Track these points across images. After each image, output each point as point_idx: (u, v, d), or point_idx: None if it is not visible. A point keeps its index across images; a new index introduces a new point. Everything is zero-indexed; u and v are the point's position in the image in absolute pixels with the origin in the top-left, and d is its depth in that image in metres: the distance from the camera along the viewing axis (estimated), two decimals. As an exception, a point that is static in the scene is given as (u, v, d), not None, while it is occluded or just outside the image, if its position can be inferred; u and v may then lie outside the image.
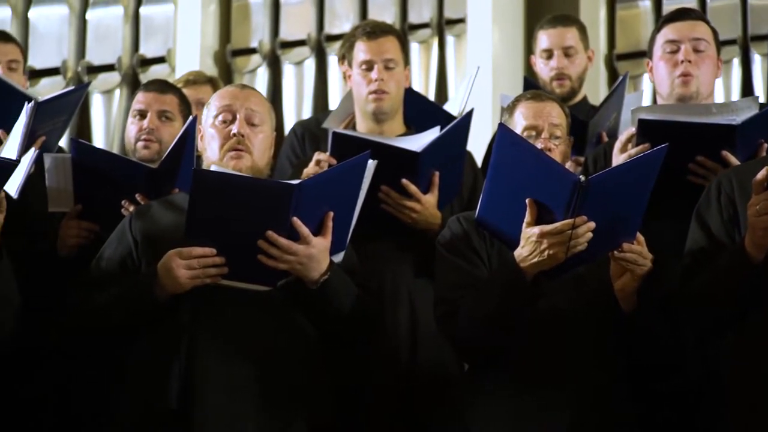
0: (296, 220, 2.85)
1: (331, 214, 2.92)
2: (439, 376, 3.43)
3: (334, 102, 5.56)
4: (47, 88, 5.79)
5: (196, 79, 4.36)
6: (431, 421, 3.39)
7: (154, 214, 3.14)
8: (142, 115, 3.73)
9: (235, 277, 2.92)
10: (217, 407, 2.92)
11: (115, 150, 5.40)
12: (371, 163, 3.00)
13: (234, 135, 3.09)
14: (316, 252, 2.90)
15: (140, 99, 3.76)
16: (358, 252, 3.22)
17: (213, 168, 3.02)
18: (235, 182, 2.88)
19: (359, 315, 3.07)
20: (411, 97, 3.83)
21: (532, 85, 4.23)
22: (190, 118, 3.60)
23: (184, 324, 2.97)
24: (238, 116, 3.12)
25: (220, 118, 3.13)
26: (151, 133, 3.70)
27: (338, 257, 3.02)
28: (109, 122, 5.84)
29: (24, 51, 4.46)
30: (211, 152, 3.13)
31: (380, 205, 3.40)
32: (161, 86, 3.83)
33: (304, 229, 2.87)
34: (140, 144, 3.70)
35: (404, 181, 3.39)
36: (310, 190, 2.85)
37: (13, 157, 2.77)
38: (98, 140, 5.74)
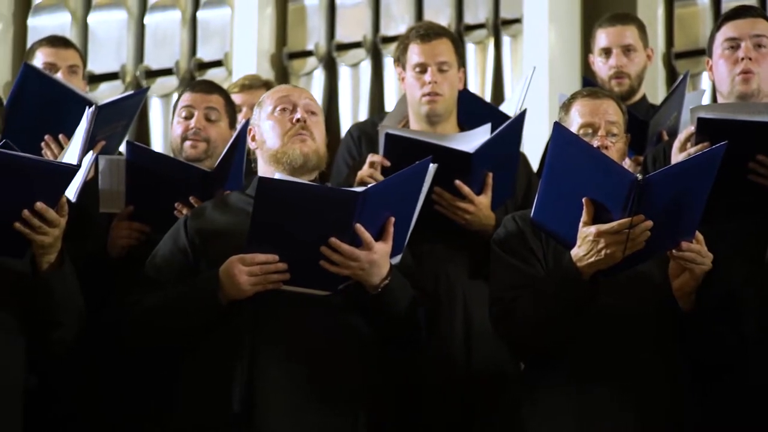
0: (359, 227, 2.87)
1: (393, 219, 2.93)
2: (495, 376, 3.41)
3: (390, 104, 5.56)
4: (106, 93, 5.84)
5: (252, 83, 4.38)
6: (488, 421, 3.38)
7: (209, 215, 3.16)
8: (189, 114, 3.75)
9: (297, 282, 2.93)
10: (278, 410, 2.93)
11: (172, 154, 5.44)
12: (431, 167, 3.01)
13: (297, 120, 3.12)
14: (378, 257, 2.91)
15: (187, 99, 3.78)
16: (413, 253, 3.21)
17: (278, 176, 3.04)
18: (300, 189, 2.89)
19: (416, 317, 3.07)
20: (466, 98, 3.81)
21: (590, 84, 4.19)
22: (243, 121, 3.61)
23: (245, 328, 2.98)
24: (297, 105, 3.15)
25: (278, 108, 3.16)
26: (197, 132, 3.72)
27: (395, 260, 3.03)
28: (167, 126, 5.87)
29: (83, 56, 4.52)
30: (271, 142, 3.15)
31: (434, 207, 3.39)
32: (207, 86, 3.85)
33: (367, 236, 2.88)
34: (187, 143, 3.72)
35: (457, 182, 3.38)
36: (374, 197, 2.86)
37: (75, 161, 2.79)
38: (156, 144, 5.79)
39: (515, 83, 5.27)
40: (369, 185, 2.99)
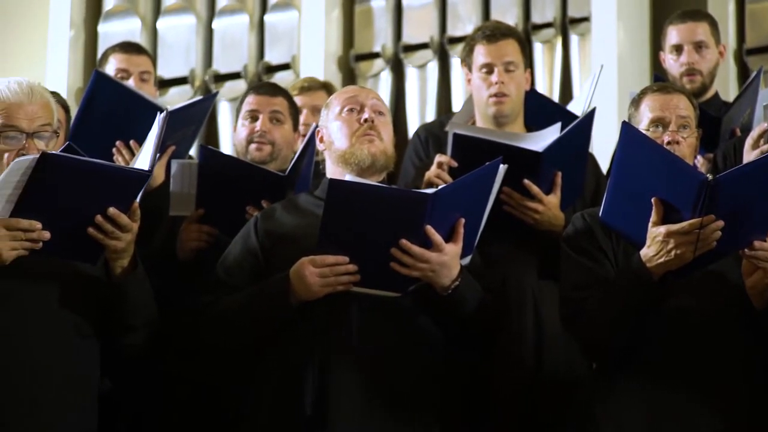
0: (430, 229, 2.87)
1: (463, 221, 2.93)
2: (566, 377, 3.39)
3: (457, 104, 5.54)
4: (176, 98, 5.90)
5: (310, 86, 4.39)
6: (559, 422, 3.36)
7: (279, 216, 3.17)
8: (254, 117, 3.77)
9: (366, 284, 2.94)
10: (350, 415, 2.94)
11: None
12: (501, 168, 3.00)
13: (365, 121, 3.12)
14: (448, 259, 2.91)
15: (251, 102, 3.80)
16: (482, 254, 3.21)
17: (348, 177, 3.04)
18: (370, 191, 2.90)
19: (486, 318, 3.06)
20: (533, 98, 3.79)
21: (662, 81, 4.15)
22: (312, 125, 3.63)
23: (316, 331, 2.99)
24: (365, 105, 3.15)
25: (346, 109, 3.17)
26: (263, 135, 3.74)
27: (465, 261, 3.02)
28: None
29: (154, 61, 4.56)
30: (339, 142, 3.16)
31: (502, 207, 3.37)
32: (272, 89, 3.87)
33: (438, 237, 2.88)
34: (253, 146, 3.75)
35: (526, 181, 3.36)
36: (445, 199, 2.86)
37: (146, 167, 2.83)
38: (225, 147, 5.82)
39: (584, 83, 5.23)
40: (439, 187, 2.99)
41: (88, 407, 2.97)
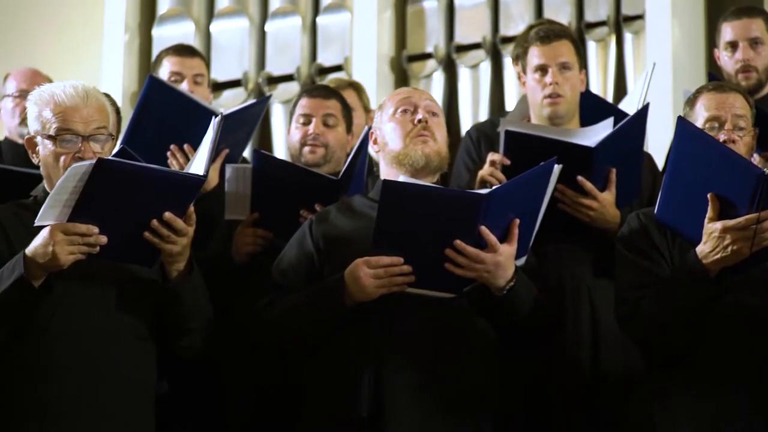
0: (484, 229, 2.86)
1: (517, 221, 2.93)
2: (623, 376, 3.37)
3: (510, 104, 5.52)
4: (229, 100, 5.93)
5: (338, 86, 4.38)
6: (616, 422, 3.35)
7: (333, 219, 3.18)
8: (307, 120, 3.78)
9: (421, 285, 2.94)
10: (406, 416, 2.95)
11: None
12: (556, 168, 2.98)
13: (419, 121, 3.12)
14: (503, 260, 2.91)
15: (304, 104, 3.81)
16: (537, 253, 3.20)
17: (401, 178, 3.05)
18: (424, 192, 2.90)
19: (541, 318, 3.06)
20: (588, 100, 3.76)
21: (716, 80, 4.10)
22: (365, 128, 3.63)
23: (372, 332, 3.00)
24: (418, 106, 3.15)
25: (400, 110, 3.17)
26: (316, 138, 3.75)
27: (520, 261, 3.01)
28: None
29: (207, 64, 4.59)
30: (393, 144, 3.16)
31: (557, 204, 3.35)
32: (325, 92, 3.87)
33: (492, 238, 2.88)
34: (306, 149, 3.75)
35: (580, 178, 3.33)
36: (499, 199, 2.86)
37: (202, 172, 2.84)
38: (279, 149, 5.85)
39: (638, 81, 5.19)
40: (493, 187, 2.98)
41: (145, 409, 2.99)
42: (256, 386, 3.59)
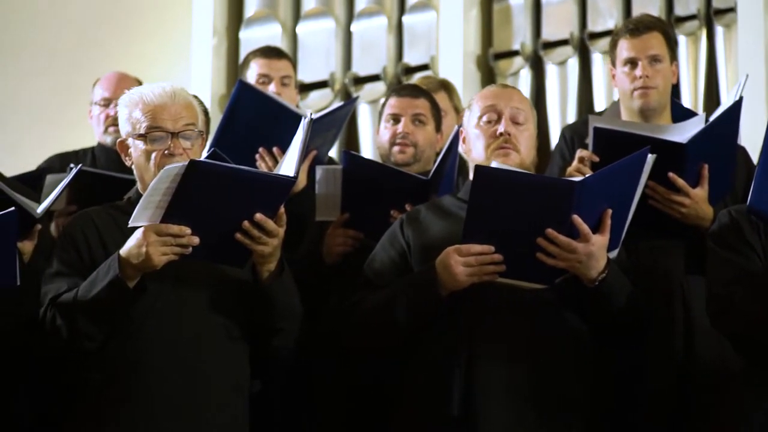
0: (577, 218, 2.84)
1: (610, 211, 2.90)
2: (717, 374, 3.32)
3: (599, 101, 5.47)
4: (316, 101, 5.95)
5: (429, 86, 4.36)
6: (710, 419, 3.30)
7: (424, 218, 3.18)
8: (396, 119, 3.78)
9: (512, 275, 2.92)
10: (498, 414, 2.94)
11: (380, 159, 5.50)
12: (650, 158, 2.94)
13: (501, 134, 3.09)
14: (595, 250, 2.88)
15: (393, 104, 3.81)
16: (628, 250, 3.17)
17: (493, 164, 3.04)
18: (516, 178, 2.88)
19: (634, 312, 3.03)
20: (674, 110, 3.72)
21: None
22: (455, 127, 3.62)
23: (462, 329, 2.99)
24: (503, 115, 3.11)
25: (484, 118, 3.15)
26: (405, 137, 3.75)
27: (613, 254, 2.97)
28: (376, 131, 5.92)
29: (294, 66, 4.61)
30: (476, 153, 3.15)
31: (648, 201, 3.31)
32: (414, 91, 3.87)
33: (585, 227, 2.85)
34: (396, 149, 3.75)
35: (671, 174, 3.29)
36: (592, 188, 2.83)
37: (291, 173, 2.86)
38: (366, 149, 5.85)
39: (729, 93, 5.09)
40: (586, 176, 2.96)
41: (239, 408, 3.02)
42: (347, 387, 3.59)
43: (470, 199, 2.88)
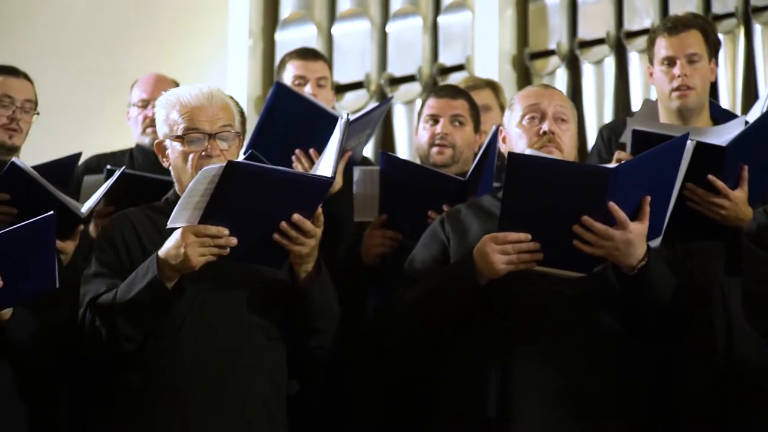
0: (613, 205, 2.82)
1: (649, 198, 2.87)
2: (758, 374, 3.29)
3: (635, 100, 5.44)
4: (351, 102, 5.95)
5: (475, 85, 4.35)
6: (751, 420, 3.28)
7: (464, 217, 3.17)
8: (435, 120, 3.78)
9: (550, 263, 2.91)
10: (534, 414, 2.93)
11: (417, 159, 5.50)
12: (689, 145, 2.92)
13: (544, 133, 3.08)
14: (633, 237, 2.86)
15: (432, 104, 3.80)
16: (668, 249, 3.14)
17: (527, 151, 3.03)
18: (550, 165, 2.87)
19: (675, 303, 3.00)
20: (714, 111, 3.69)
21: None
22: (493, 127, 3.61)
23: (497, 331, 2.99)
24: (547, 113, 3.11)
25: (527, 117, 3.14)
26: (444, 138, 3.75)
27: (655, 242, 2.95)
28: (412, 132, 5.91)
29: (331, 67, 4.62)
30: (518, 151, 3.13)
31: (686, 203, 3.29)
32: (452, 91, 3.87)
33: (621, 214, 2.83)
34: (434, 150, 3.75)
35: (710, 177, 3.27)
36: (627, 174, 2.81)
37: (329, 174, 2.86)
38: (401, 150, 5.85)
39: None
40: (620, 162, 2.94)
41: (277, 409, 3.03)
42: (383, 387, 3.59)
43: (505, 186, 2.87)
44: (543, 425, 2.93)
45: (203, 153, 2.97)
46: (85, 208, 3.42)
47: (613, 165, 2.87)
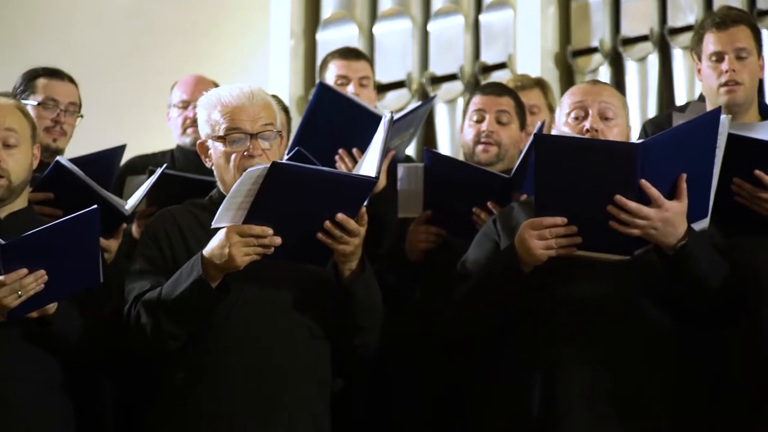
0: (645, 183, 2.79)
1: (685, 176, 2.83)
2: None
3: (679, 97, 5.40)
4: (393, 102, 5.95)
5: (524, 84, 4.33)
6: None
7: (516, 216, 3.15)
8: (480, 118, 3.76)
9: (589, 246, 2.87)
10: (579, 415, 2.91)
11: (460, 157, 5.48)
12: (724, 119, 2.87)
13: (587, 131, 3.06)
14: (670, 215, 2.82)
15: (477, 102, 3.79)
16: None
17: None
18: (577, 145, 2.84)
19: (722, 289, 2.94)
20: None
21: None
22: (538, 123, 3.59)
23: (540, 331, 2.97)
24: (590, 112, 3.09)
25: (572, 115, 3.12)
26: (489, 136, 3.73)
27: (701, 224, 2.91)
28: (454, 130, 5.91)
29: (373, 66, 4.61)
30: None
31: (734, 198, 3.24)
32: (498, 89, 3.85)
33: (654, 191, 2.80)
34: (479, 147, 3.74)
35: (757, 172, 3.23)
36: (656, 150, 2.77)
37: (373, 173, 2.85)
38: (443, 149, 5.84)
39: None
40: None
41: (322, 406, 3.03)
42: (428, 385, 3.58)
43: (535, 170, 2.85)
44: (588, 425, 2.90)
45: (245, 153, 2.97)
46: (129, 206, 3.43)
47: (639, 141, 2.83)
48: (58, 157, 3.48)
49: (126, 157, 4.21)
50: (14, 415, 2.96)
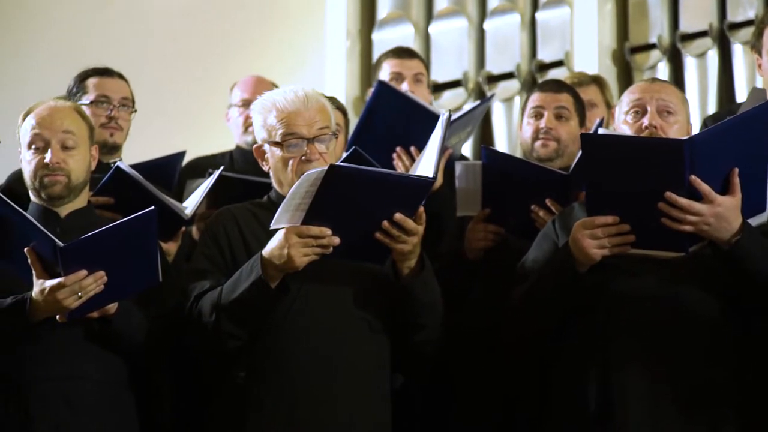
0: (695, 179, 2.76)
1: (737, 170, 2.80)
2: None
3: (740, 93, 5.33)
4: (449, 101, 5.94)
5: (581, 81, 4.31)
6: None
7: (576, 215, 3.13)
8: (539, 114, 3.75)
9: (643, 245, 2.86)
10: (637, 411, 2.89)
11: (518, 155, 5.46)
12: None
13: (646, 128, 3.04)
14: (723, 210, 2.79)
15: (536, 99, 3.78)
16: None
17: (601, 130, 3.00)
18: (623, 142, 2.83)
19: None
20: None
21: None
22: (596, 120, 3.57)
23: (598, 327, 2.95)
24: (648, 109, 3.07)
25: (631, 113, 3.10)
26: (548, 132, 3.72)
27: (758, 219, 2.88)
28: (511, 129, 5.90)
29: (427, 66, 4.61)
30: None
31: None
32: (557, 86, 3.84)
33: (705, 187, 2.77)
34: (538, 143, 3.73)
35: None
36: (705, 145, 2.74)
37: (430, 173, 2.85)
38: (501, 147, 5.82)
39: None
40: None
41: (382, 402, 3.04)
42: (487, 382, 3.57)
43: (584, 170, 2.84)
44: (646, 422, 2.89)
45: (303, 158, 2.99)
46: (189, 209, 3.46)
47: (687, 137, 2.80)
48: (118, 163, 3.52)
49: (186, 159, 4.25)
50: (78, 413, 3.00)
